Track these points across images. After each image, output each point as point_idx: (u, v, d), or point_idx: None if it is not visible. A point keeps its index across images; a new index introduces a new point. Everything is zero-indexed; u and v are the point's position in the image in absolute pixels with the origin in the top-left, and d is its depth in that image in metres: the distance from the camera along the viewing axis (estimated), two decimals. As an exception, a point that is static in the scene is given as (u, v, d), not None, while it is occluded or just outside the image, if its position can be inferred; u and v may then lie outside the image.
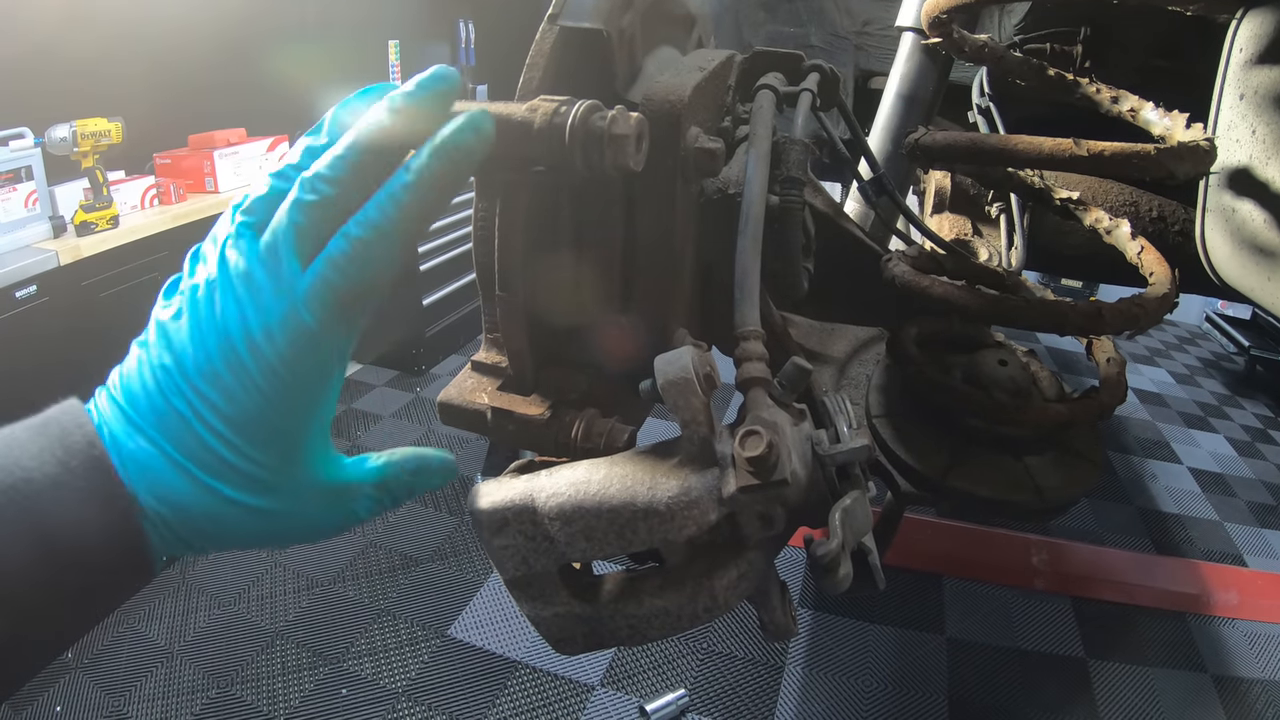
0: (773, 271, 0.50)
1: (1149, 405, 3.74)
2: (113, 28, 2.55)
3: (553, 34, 0.48)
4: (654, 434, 0.36)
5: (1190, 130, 0.64)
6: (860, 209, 1.07)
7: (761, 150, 0.47)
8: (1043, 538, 2.55)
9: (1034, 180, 0.81)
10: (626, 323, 0.48)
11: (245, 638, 1.96)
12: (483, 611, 2.10)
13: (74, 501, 0.31)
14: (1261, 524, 2.84)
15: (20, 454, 0.31)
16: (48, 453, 0.32)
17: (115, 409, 0.34)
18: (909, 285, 0.59)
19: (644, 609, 0.37)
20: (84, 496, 0.31)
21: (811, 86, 0.55)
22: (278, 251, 0.33)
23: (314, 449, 0.36)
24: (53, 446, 0.32)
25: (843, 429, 0.36)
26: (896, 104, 1.10)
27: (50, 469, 0.31)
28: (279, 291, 0.33)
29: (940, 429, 0.60)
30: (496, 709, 1.82)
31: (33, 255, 2.14)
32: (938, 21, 0.85)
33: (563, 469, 0.37)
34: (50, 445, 0.32)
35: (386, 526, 2.39)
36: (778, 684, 1.95)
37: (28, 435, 0.33)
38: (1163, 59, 1.14)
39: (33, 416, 0.34)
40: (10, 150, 2.16)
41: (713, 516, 0.34)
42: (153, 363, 0.34)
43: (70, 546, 0.31)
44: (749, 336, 0.39)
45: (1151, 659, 2.13)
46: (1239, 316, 4.59)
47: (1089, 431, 0.61)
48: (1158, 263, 0.64)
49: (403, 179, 0.34)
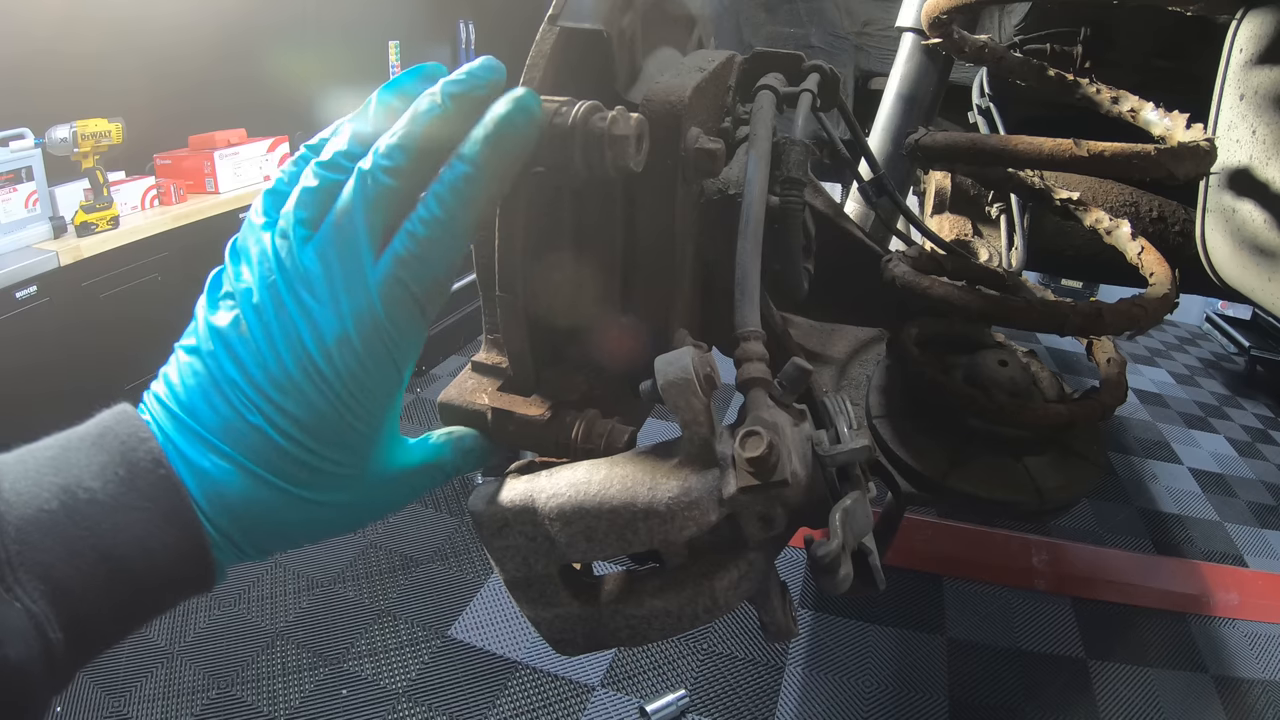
0: (773, 272, 0.50)
1: (1149, 406, 3.74)
2: (113, 28, 2.56)
3: (553, 35, 0.48)
4: (654, 434, 0.36)
5: (1190, 131, 0.64)
6: (860, 209, 1.07)
7: (762, 151, 0.47)
8: (1043, 538, 2.55)
9: (1034, 181, 0.81)
10: (627, 323, 0.48)
11: (245, 638, 1.96)
12: (483, 612, 2.10)
13: (142, 525, 0.30)
14: (1262, 524, 2.84)
15: (81, 472, 0.30)
16: (110, 470, 0.30)
17: (176, 423, 0.32)
18: (909, 286, 0.59)
19: (644, 610, 0.37)
20: (152, 519, 0.30)
21: (812, 87, 0.55)
22: (351, 248, 0.32)
23: (388, 440, 0.36)
24: (114, 464, 0.30)
25: (843, 430, 0.36)
26: (897, 105, 1.10)
27: (115, 489, 0.30)
28: (352, 293, 0.32)
29: (941, 430, 0.60)
30: (497, 709, 1.82)
31: (33, 256, 2.14)
32: (938, 22, 0.85)
33: (563, 470, 0.37)
34: (112, 463, 0.31)
35: (387, 527, 2.39)
36: (778, 684, 1.95)
37: (86, 449, 0.31)
38: (1163, 59, 1.14)
39: (86, 425, 0.32)
40: (10, 151, 2.17)
41: (713, 517, 0.34)
42: (216, 374, 0.32)
43: (139, 571, 0.30)
44: (749, 337, 0.39)
45: (1152, 659, 2.13)
46: (1239, 317, 4.59)
47: (1090, 432, 0.61)
48: (1158, 263, 0.64)
49: (462, 170, 0.33)
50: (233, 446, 0.32)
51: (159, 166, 2.73)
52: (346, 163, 0.33)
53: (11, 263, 2.08)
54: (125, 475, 0.30)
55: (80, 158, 2.26)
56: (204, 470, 0.32)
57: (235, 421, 0.32)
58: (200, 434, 0.32)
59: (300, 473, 0.33)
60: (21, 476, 0.29)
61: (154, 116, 2.71)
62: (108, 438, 0.31)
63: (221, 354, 0.32)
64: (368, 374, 0.32)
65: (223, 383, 0.32)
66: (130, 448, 0.31)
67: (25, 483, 0.29)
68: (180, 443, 0.32)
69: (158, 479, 0.31)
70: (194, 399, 0.32)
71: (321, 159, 0.34)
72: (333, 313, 0.31)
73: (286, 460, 0.32)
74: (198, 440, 0.32)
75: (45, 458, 0.30)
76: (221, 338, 0.32)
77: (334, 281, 0.32)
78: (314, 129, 0.33)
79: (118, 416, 0.32)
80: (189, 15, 2.82)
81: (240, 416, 0.32)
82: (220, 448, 0.32)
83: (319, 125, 0.37)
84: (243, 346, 0.32)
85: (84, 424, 0.32)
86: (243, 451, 0.32)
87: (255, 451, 0.32)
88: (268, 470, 0.32)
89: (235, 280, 0.33)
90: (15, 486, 0.29)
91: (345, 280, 0.32)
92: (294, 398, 0.32)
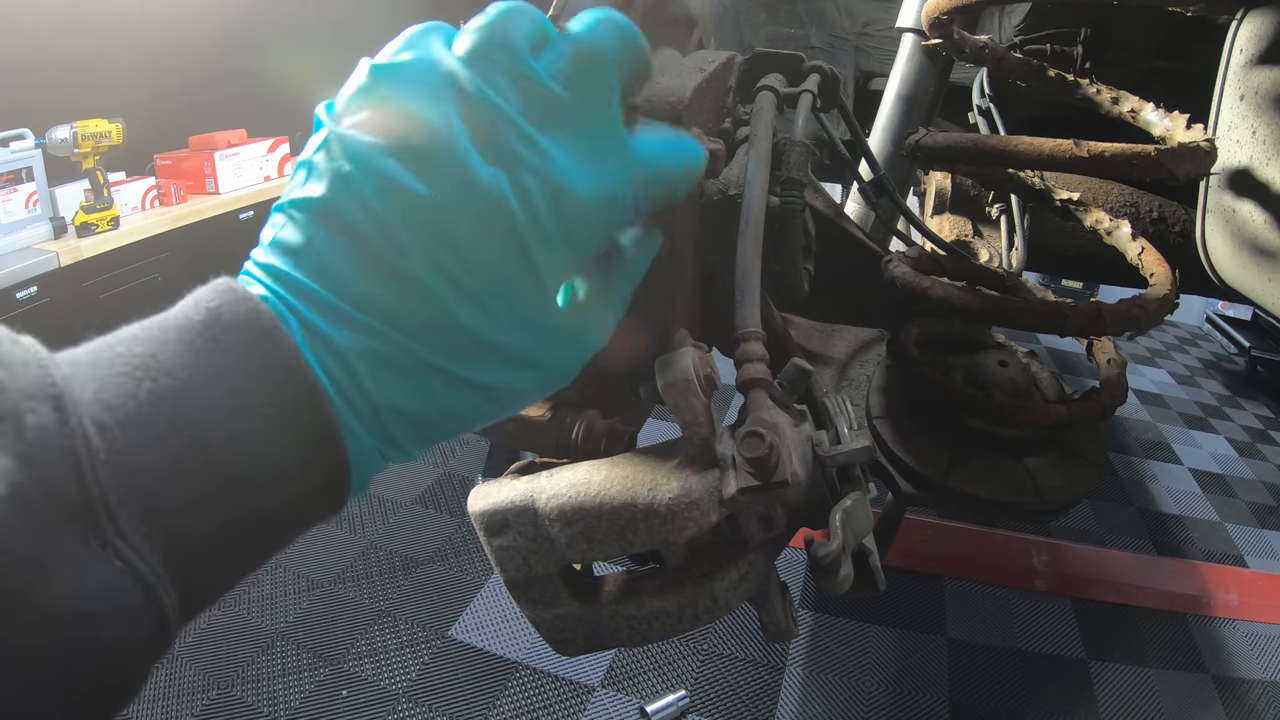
0: (773, 273, 0.50)
1: (1149, 406, 3.74)
2: (113, 29, 2.56)
3: (553, 35, 0.48)
4: (654, 434, 0.36)
5: (1191, 131, 0.64)
6: (860, 210, 1.07)
7: (762, 151, 0.47)
8: (1043, 539, 2.55)
9: (1034, 181, 0.82)
10: (627, 324, 0.48)
11: (245, 639, 1.96)
12: (483, 612, 2.10)
13: (272, 435, 0.24)
14: (1262, 525, 2.84)
15: (190, 375, 0.24)
16: (227, 371, 0.24)
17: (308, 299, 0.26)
18: (909, 286, 0.59)
19: (644, 610, 0.37)
20: (281, 428, 0.25)
21: (812, 88, 0.55)
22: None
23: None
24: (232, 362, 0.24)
25: (843, 430, 0.36)
26: (897, 105, 1.10)
27: (234, 394, 0.24)
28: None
29: (941, 430, 0.60)
30: (497, 710, 1.82)
31: (33, 256, 2.14)
32: (938, 23, 0.85)
33: (563, 470, 0.37)
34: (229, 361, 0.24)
35: (387, 528, 2.39)
36: (778, 685, 1.95)
37: (190, 344, 0.24)
38: (1163, 60, 1.14)
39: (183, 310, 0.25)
40: (11, 151, 2.17)
41: (713, 518, 0.34)
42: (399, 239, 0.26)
43: (265, 499, 0.25)
44: (749, 338, 0.39)
45: (1152, 660, 2.13)
46: (1239, 317, 4.59)
47: (1090, 432, 0.61)
48: (1158, 263, 0.64)
49: None
50: (386, 320, 0.26)
51: (159, 167, 2.73)
52: None
53: (12, 263, 2.08)
54: (248, 385, 0.24)
55: (80, 158, 2.26)
56: (341, 350, 0.26)
57: (391, 285, 0.26)
58: (340, 308, 0.26)
59: (475, 349, 0.28)
60: (111, 383, 0.23)
61: (154, 117, 2.71)
62: (217, 326, 0.25)
63: (405, 220, 0.26)
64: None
65: (374, 238, 0.26)
66: (250, 340, 0.25)
67: (120, 394, 0.23)
68: (317, 322, 0.26)
69: (295, 388, 0.25)
70: (331, 263, 0.26)
71: None
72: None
73: (454, 334, 0.27)
74: (337, 316, 0.26)
75: (137, 355, 0.24)
76: (396, 199, 0.26)
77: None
78: (314, 129, 0.32)
79: (224, 296, 0.25)
80: (189, 15, 2.82)
81: (409, 282, 0.26)
82: (368, 323, 0.26)
83: (319, 126, 0.37)
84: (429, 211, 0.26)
85: (179, 307, 0.26)
86: (400, 327, 0.27)
87: (418, 327, 0.27)
88: (431, 349, 0.27)
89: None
90: (106, 398, 0.22)
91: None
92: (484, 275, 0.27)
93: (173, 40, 2.75)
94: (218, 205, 2.73)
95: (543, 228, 0.28)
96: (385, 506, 2.46)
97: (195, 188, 2.75)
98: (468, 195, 0.27)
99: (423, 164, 0.26)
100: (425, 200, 0.26)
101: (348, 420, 0.26)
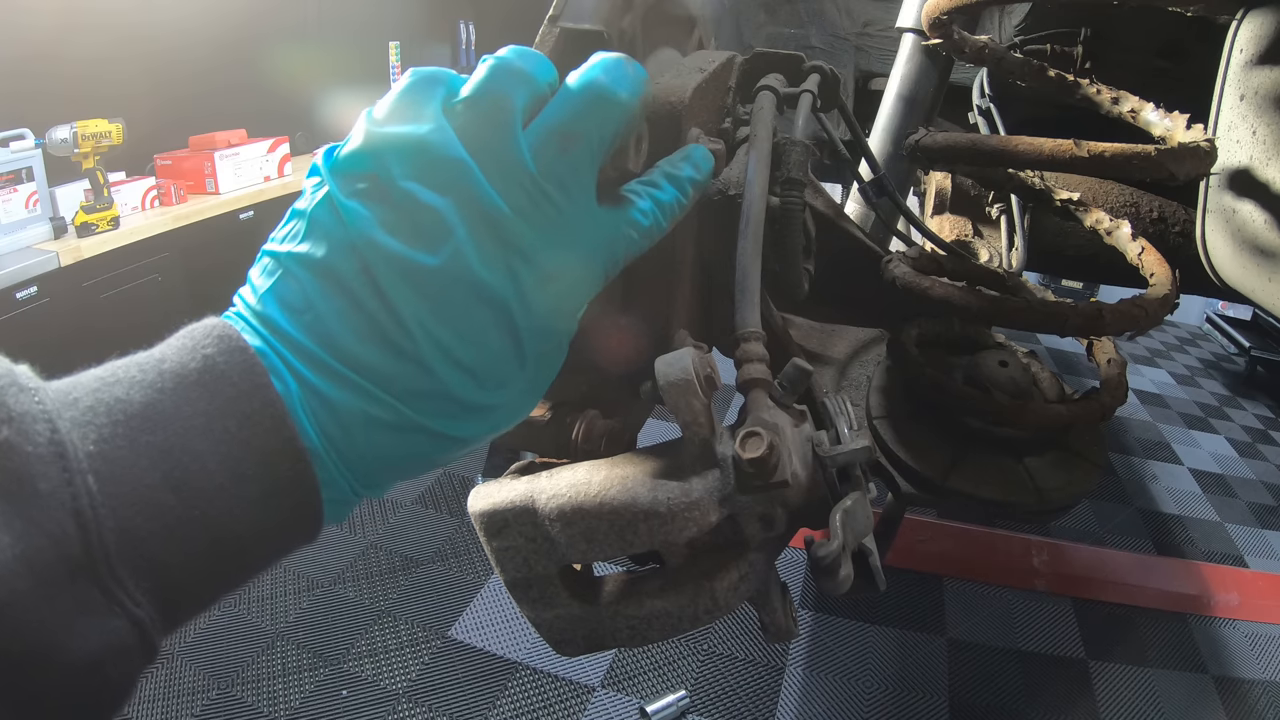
0: (773, 273, 0.50)
1: (1149, 406, 3.74)
2: (113, 29, 2.56)
3: (553, 36, 0.48)
4: (654, 434, 0.36)
5: (1191, 131, 0.64)
6: (861, 210, 1.07)
7: (762, 151, 0.47)
8: (1043, 539, 2.55)
9: (1034, 181, 0.81)
10: (627, 324, 0.48)
11: (245, 639, 1.96)
12: (483, 613, 2.10)
13: (259, 502, 0.26)
14: (1262, 525, 2.84)
15: (184, 427, 0.25)
16: (219, 426, 0.25)
17: (303, 355, 0.27)
18: (909, 286, 0.59)
19: (644, 610, 0.36)
20: (270, 490, 0.26)
21: (812, 88, 0.55)
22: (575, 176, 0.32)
23: None
24: (224, 417, 0.25)
25: (843, 430, 0.36)
26: (897, 105, 1.10)
27: (228, 454, 0.25)
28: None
29: (941, 430, 0.60)
30: (497, 710, 1.82)
31: (33, 256, 2.14)
32: (938, 23, 0.85)
33: (563, 470, 0.37)
34: (221, 416, 0.25)
35: (387, 528, 2.39)
36: (778, 685, 1.95)
37: (185, 393, 0.25)
38: (1163, 60, 1.14)
39: (178, 352, 0.26)
40: (11, 151, 2.17)
41: (713, 518, 0.34)
42: (401, 315, 0.28)
43: (249, 549, 0.27)
44: (749, 338, 0.39)
45: (1152, 660, 2.13)
46: (1240, 317, 4.59)
47: (1090, 433, 0.61)
48: (1158, 264, 0.64)
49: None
50: (380, 385, 0.28)
51: (159, 167, 2.73)
52: None
53: (12, 263, 2.08)
54: (238, 435, 0.25)
55: (80, 158, 2.26)
56: (336, 407, 0.27)
57: (388, 355, 0.28)
58: (336, 369, 0.27)
59: (452, 409, 0.30)
60: (111, 434, 0.24)
61: (154, 117, 2.72)
62: (211, 376, 0.26)
63: (402, 290, 0.28)
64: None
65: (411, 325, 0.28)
66: (244, 392, 0.26)
67: (118, 445, 0.24)
68: (314, 380, 0.27)
69: (281, 443, 0.26)
70: (330, 325, 0.27)
71: None
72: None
73: (443, 399, 0.29)
74: (333, 377, 0.27)
75: (135, 403, 0.24)
76: (401, 267, 0.28)
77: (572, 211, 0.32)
78: (315, 130, 0.32)
79: (219, 345, 0.26)
80: (190, 16, 2.82)
81: (406, 355, 0.28)
82: (365, 386, 0.27)
83: (320, 126, 0.37)
84: (430, 283, 0.28)
85: (176, 350, 0.26)
86: (394, 392, 0.28)
87: (410, 392, 0.28)
88: (420, 412, 0.28)
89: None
90: (106, 450, 0.23)
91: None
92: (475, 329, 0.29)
93: (173, 40, 2.76)
94: (218, 205, 2.73)
95: (533, 313, 0.31)
96: (385, 506, 2.46)
97: (195, 188, 2.75)
98: (467, 283, 0.29)
99: (427, 246, 0.28)
100: (428, 280, 0.28)
101: (332, 471, 0.28)
